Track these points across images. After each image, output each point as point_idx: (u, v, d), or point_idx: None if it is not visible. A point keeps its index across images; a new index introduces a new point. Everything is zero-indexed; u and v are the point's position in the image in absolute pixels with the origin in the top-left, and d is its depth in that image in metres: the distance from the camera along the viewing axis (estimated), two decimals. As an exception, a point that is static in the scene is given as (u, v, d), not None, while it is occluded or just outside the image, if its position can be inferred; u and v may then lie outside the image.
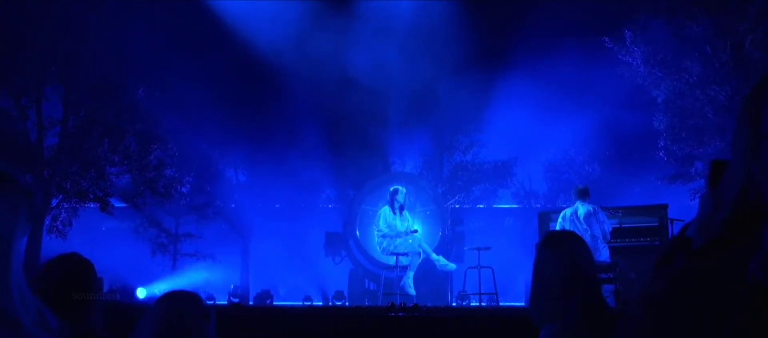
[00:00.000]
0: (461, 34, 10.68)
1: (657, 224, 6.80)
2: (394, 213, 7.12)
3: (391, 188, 7.34)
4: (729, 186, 0.75)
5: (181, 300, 1.79)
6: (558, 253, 1.77)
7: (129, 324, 1.83)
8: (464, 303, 8.29)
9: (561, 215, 6.31)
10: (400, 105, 11.04)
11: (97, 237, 12.36)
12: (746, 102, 0.78)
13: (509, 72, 10.63)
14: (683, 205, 8.48)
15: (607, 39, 9.99)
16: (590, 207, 6.16)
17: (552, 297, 1.73)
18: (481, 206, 11.55)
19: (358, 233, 9.14)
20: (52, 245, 9.12)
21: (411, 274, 6.91)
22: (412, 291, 6.82)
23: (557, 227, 6.22)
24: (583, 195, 6.26)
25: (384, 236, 7.01)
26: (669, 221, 6.72)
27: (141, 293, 9.50)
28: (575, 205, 6.25)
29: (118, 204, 10.32)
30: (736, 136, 0.78)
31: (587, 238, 6.00)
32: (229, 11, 10.98)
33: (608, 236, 6.15)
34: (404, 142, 10.87)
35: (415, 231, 7.09)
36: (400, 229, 7.06)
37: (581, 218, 6.12)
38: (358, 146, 11.04)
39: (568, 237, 1.89)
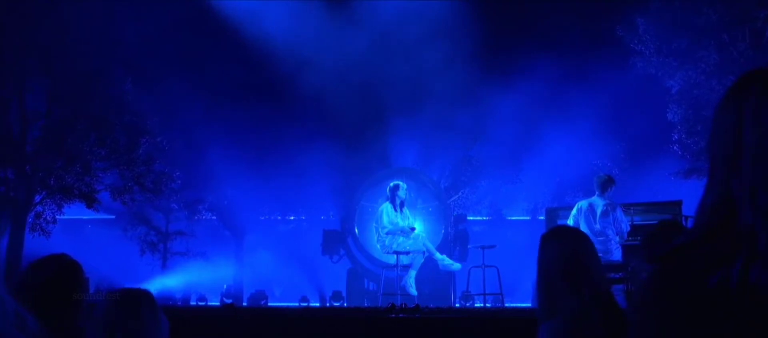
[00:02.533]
0: (466, 24, 10.67)
1: (671, 221, 6.80)
2: (396, 210, 7.13)
3: (392, 184, 7.34)
4: (708, 192, 0.75)
5: (134, 298, 1.79)
6: (560, 247, 1.80)
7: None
8: (468, 304, 8.32)
9: (576, 206, 6.21)
10: (401, 98, 11.03)
11: (83, 235, 12.39)
12: (726, 103, 0.74)
13: (515, 63, 10.61)
14: (698, 201, 8.47)
15: (618, 27, 9.96)
16: (607, 203, 6.07)
17: (554, 293, 1.75)
18: (484, 218, 11.61)
19: (356, 230, 9.15)
20: (34, 244, 9.13)
21: (413, 273, 6.93)
22: (413, 291, 6.83)
23: (570, 220, 6.18)
24: (605, 186, 6.05)
25: (388, 233, 7.01)
26: (684, 218, 6.72)
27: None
28: (592, 198, 6.16)
29: (106, 216, 10.34)
30: (713, 139, 0.75)
31: (599, 237, 5.97)
32: (223, 1, 10.97)
33: (625, 236, 6.11)
34: (405, 135, 10.87)
35: (414, 229, 7.08)
36: (402, 227, 7.06)
37: (597, 214, 6.05)
38: (356, 140, 11.04)
39: (571, 232, 1.92)
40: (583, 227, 6.02)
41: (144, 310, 1.78)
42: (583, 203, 6.19)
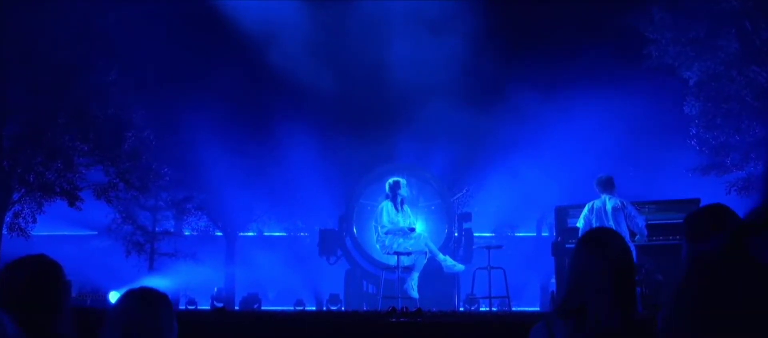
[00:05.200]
0: (471, 16, 10.65)
1: (688, 220, 6.79)
2: (396, 208, 7.13)
3: (392, 181, 7.34)
4: None
5: (154, 299, 1.83)
6: (602, 252, 1.84)
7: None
8: (473, 308, 8.34)
9: (587, 206, 6.31)
10: (403, 92, 11.01)
11: (65, 235, 12.40)
12: None
13: (522, 55, 10.59)
14: (717, 199, 8.43)
15: (631, 14, 9.91)
16: (618, 201, 6.17)
17: (588, 296, 1.80)
18: (491, 234, 11.67)
19: (355, 230, 9.16)
20: (13, 245, 9.13)
21: (416, 276, 6.94)
22: (415, 294, 6.85)
23: (581, 220, 6.27)
24: (608, 187, 6.25)
25: (388, 232, 7.01)
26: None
27: (114, 297, 9.55)
28: (602, 198, 6.26)
29: (88, 232, 10.31)
30: None
31: None
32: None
33: (645, 232, 6.16)
34: (407, 130, 10.86)
35: (413, 230, 7.08)
36: (402, 226, 7.06)
37: (609, 213, 6.13)
38: (356, 134, 11.03)
39: (614, 236, 1.96)
40: (596, 227, 6.07)
41: (162, 312, 1.82)
42: (596, 202, 6.29)
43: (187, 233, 12.09)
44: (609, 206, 6.17)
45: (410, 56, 10.94)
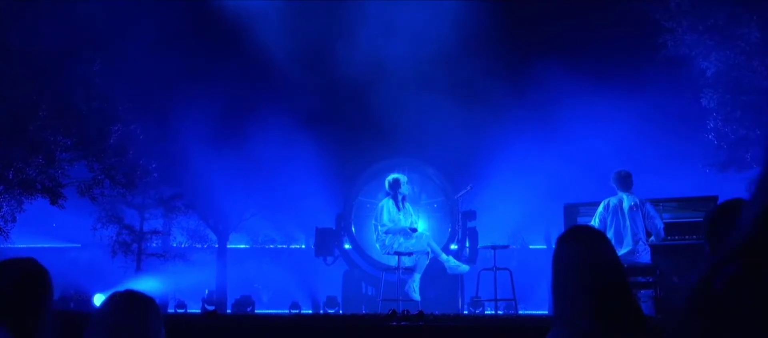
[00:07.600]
0: (480, 4, 10.63)
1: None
2: (397, 206, 7.13)
3: (391, 178, 7.33)
4: (755, 200, 0.76)
5: (140, 302, 1.84)
6: (578, 249, 1.84)
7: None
8: (478, 311, 8.36)
9: (603, 204, 6.32)
10: (404, 82, 11.00)
11: (47, 235, 12.42)
12: None
13: (530, 44, 10.58)
14: (737, 196, 8.45)
15: (646, 1, 9.90)
16: (636, 200, 6.18)
17: (570, 298, 1.79)
18: (508, 246, 11.70)
19: (353, 229, 9.19)
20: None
21: (417, 277, 6.95)
22: (417, 296, 6.86)
23: (596, 218, 6.27)
24: (627, 184, 6.24)
25: (388, 232, 7.02)
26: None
27: (99, 300, 9.58)
28: (619, 195, 6.26)
29: (71, 245, 10.26)
30: None
31: (629, 236, 6.04)
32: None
33: (662, 234, 6.16)
34: (408, 123, 10.86)
35: (414, 230, 7.09)
36: (403, 225, 7.07)
37: (625, 211, 6.14)
38: (354, 128, 11.03)
39: (591, 233, 1.95)
40: (612, 226, 6.11)
41: (149, 316, 1.83)
42: (612, 200, 6.28)
43: (184, 244, 12.10)
44: (626, 205, 6.16)
45: (413, 48, 10.93)
